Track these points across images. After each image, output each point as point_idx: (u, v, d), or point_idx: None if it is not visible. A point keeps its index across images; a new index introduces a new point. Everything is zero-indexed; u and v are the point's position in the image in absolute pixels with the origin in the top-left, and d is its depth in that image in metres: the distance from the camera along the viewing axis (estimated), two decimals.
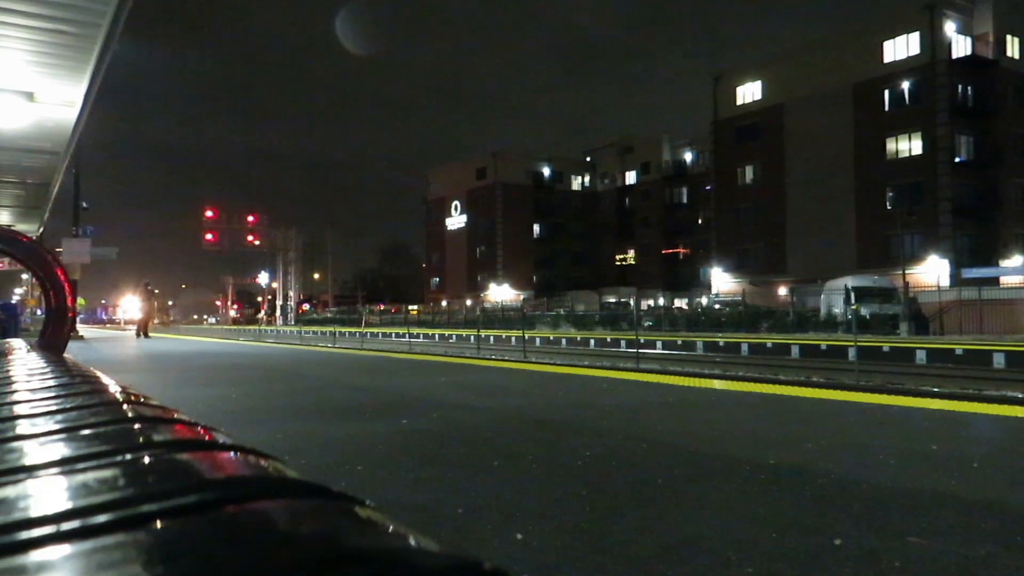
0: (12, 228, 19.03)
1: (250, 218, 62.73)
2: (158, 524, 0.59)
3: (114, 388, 1.68)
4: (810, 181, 47.35)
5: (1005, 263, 42.38)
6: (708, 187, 59.67)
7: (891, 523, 3.74)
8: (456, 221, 79.60)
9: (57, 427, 1.13)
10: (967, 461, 5.18)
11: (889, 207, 43.23)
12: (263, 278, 77.57)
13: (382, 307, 68.28)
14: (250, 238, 62.53)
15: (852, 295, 27.59)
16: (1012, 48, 45.07)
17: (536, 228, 77.71)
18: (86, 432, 1.07)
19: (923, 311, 28.01)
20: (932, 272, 40.60)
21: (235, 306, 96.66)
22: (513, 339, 30.83)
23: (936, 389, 9.39)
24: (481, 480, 4.78)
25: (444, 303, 67.58)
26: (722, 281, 52.86)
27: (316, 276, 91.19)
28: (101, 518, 0.60)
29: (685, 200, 71.75)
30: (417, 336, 35.65)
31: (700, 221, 67.23)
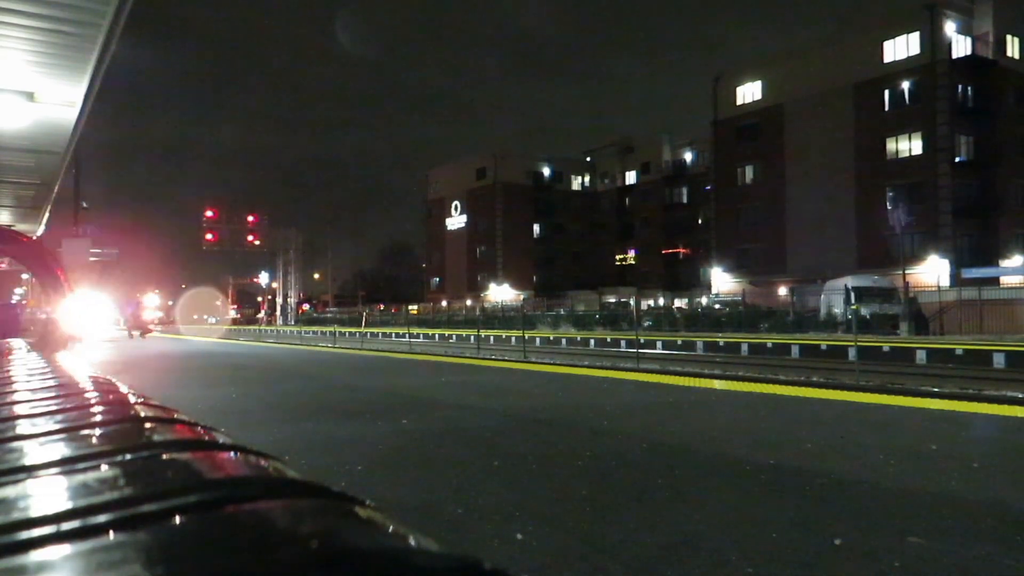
0: (12, 228, 19.01)
1: (250, 218, 62.72)
2: (159, 524, 0.59)
3: (114, 388, 1.68)
4: (810, 181, 47.32)
5: (1005, 263, 42.35)
6: (708, 187, 59.62)
7: (891, 523, 3.74)
8: (456, 221, 79.58)
9: (57, 427, 1.13)
10: (967, 461, 5.18)
11: (889, 207, 43.24)
12: (263, 278, 77.55)
13: (382, 307, 68.24)
14: (250, 238, 62.54)
15: (852, 295, 27.58)
16: (1012, 48, 45.05)
17: (536, 228, 77.66)
18: (86, 432, 1.07)
19: (923, 311, 27.99)
20: (932, 272, 40.58)
21: (235, 306, 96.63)
22: (513, 339, 30.82)
23: (936, 389, 9.39)
24: (481, 480, 4.78)
25: (444, 303, 67.55)
26: (722, 281, 52.83)
27: (316, 276, 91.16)
28: (101, 518, 0.60)
29: (685, 200, 71.67)
30: (417, 336, 35.64)
31: (700, 221, 67.15)
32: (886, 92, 44.39)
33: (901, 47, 44.04)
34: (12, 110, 10.66)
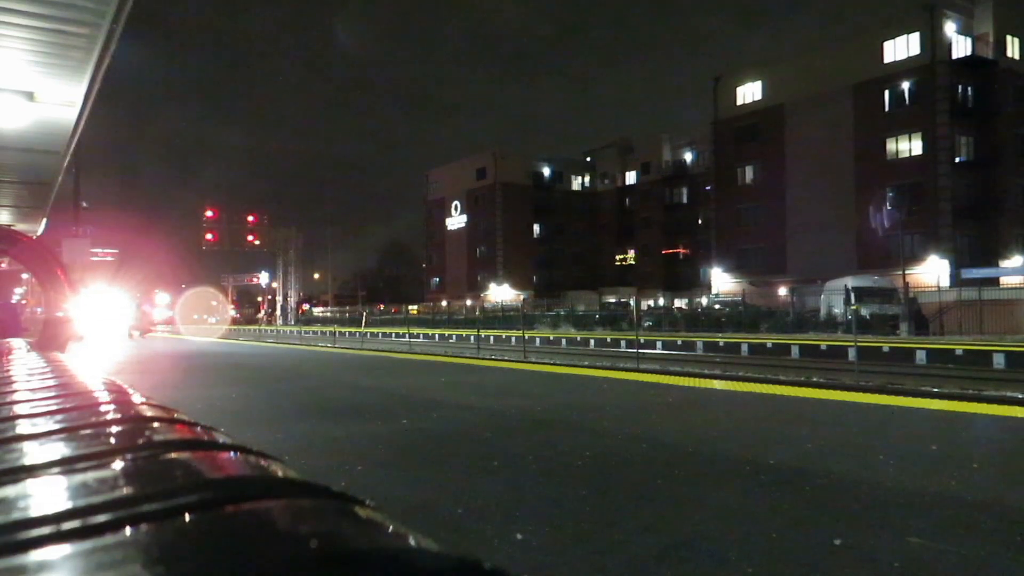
0: (12, 228, 19.02)
1: (250, 218, 62.79)
2: (158, 524, 0.59)
3: (114, 388, 1.68)
4: (810, 181, 47.33)
5: (1005, 263, 42.34)
6: (708, 187, 59.64)
7: (891, 523, 3.74)
8: (456, 221, 79.58)
9: (57, 427, 1.13)
10: (967, 461, 5.18)
11: (889, 207, 43.25)
12: (263, 278, 77.55)
13: (382, 307, 68.25)
14: (250, 238, 62.61)
15: (852, 295, 27.59)
16: (1012, 48, 45.04)
17: (536, 228, 77.67)
18: (86, 432, 1.07)
19: (923, 311, 27.99)
20: (932, 272, 40.58)
21: (235, 306, 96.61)
22: (513, 339, 30.82)
23: (936, 389, 9.39)
24: (481, 480, 4.78)
25: (444, 303, 67.54)
26: (722, 281, 52.83)
27: (316, 276, 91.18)
28: (101, 518, 0.60)
29: (685, 200, 71.67)
30: (417, 336, 35.64)
31: (700, 221, 67.16)
32: (886, 92, 44.40)
33: (901, 47, 44.04)
34: (12, 110, 10.66)
